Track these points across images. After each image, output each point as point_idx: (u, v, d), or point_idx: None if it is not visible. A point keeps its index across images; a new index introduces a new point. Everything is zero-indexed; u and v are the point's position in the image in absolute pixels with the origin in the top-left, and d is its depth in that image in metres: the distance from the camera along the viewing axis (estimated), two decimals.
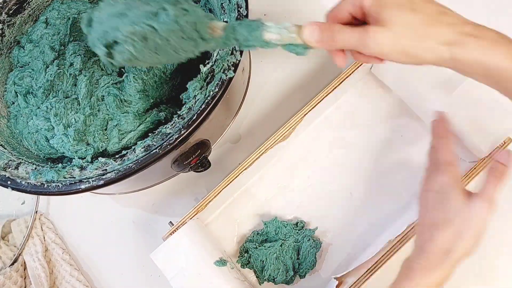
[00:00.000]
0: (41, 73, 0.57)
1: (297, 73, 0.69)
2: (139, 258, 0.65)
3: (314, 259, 0.60)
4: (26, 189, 0.47)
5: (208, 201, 0.57)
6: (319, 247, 0.61)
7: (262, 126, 0.67)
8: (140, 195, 0.65)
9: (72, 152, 0.53)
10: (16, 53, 0.59)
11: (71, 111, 0.55)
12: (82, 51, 0.59)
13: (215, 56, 0.48)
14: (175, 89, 0.60)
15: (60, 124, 0.54)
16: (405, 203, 0.62)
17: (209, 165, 0.58)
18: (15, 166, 0.48)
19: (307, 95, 0.65)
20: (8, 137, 0.55)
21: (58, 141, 0.54)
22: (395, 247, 0.54)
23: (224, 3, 0.49)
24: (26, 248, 0.64)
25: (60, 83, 0.57)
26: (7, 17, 0.56)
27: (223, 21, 0.44)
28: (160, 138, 0.46)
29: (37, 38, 0.60)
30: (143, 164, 0.46)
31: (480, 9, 0.70)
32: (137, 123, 0.55)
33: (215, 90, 0.46)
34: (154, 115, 0.56)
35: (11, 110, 0.58)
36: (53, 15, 0.60)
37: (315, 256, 0.60)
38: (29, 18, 0.59)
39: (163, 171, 0.59)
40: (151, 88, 0.57)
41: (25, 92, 0.58)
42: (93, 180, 0.46)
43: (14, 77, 0.58)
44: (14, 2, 0.56)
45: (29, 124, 0.56)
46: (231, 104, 0.62)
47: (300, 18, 0.71)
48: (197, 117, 0.46)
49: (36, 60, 0.58)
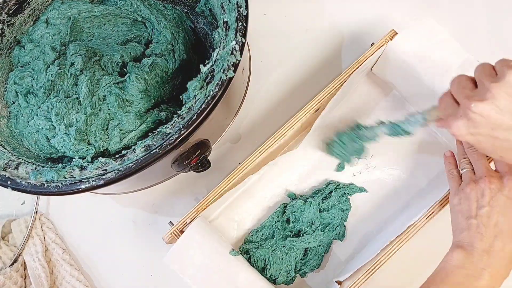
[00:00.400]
0: (41, 73, 0.57)
1: (297, 73, 0.69)
2: (139, 258, 0.65)
3: (320, 260, 0.60)
4: (26, 189, 0.47)
5: (208, 201, 0.57)
6: (328, 249, 0.61)
7: (262, 126, 0.67)
8: (140, 195, 0.65)
9: (73, 152, 0.53)
10: (17, 53, 0.59)
11: (72, 110, 0.55)
12: (83, 51, 0.59)
13: (215, 56, 0.48)
14: (176, 88, 0.61)
15: (61, 123, 0.54)
16: (405, 203, 0.62)
17: (209, 165, 0.58)
18: (15, 166, 0.48)
19: (307, 95, 0.65)
20: (8, 137, 0.55)
21: (59, 141, 0.54)
22: (395, 247, 0.54)
23: (224, 3, 0.49)
24: (26, 248, 0.64)
25: (61, 83, 0.57)
26: (7, 17, 0.56)
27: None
28: (160, 138, 0.46)
29: (37, 38, 0.60)
30: (143, 164, 0.46)
31: (480, 9, 0.70)
32: (138, 122, 0.55)
33: (215, 90, 0.46)
34: (155, 114, 0.56)
35: (11, 110, 0.58)
36: (54, 15, 0.60)
37: (322, 258, 0.60)
38: (29, 18, 0.59)
39: (163, 171, 0.59)
40: (152, 88, 0.57)
41: (25, 92, 0.58)
42: (93, 180, 0.46)
43: (14, 77, 0.58)
44: (14, 2, 0.56)
45: (29, 124, 0.56)
46: (231, 104, 0.62)
47: (300, 17, 0.71)
48: (197, 117, 0.46)
49: (37, 60, 0.58)
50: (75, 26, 0.61)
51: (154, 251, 0.64)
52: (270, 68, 0.70)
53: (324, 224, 0.60)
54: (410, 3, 0.70)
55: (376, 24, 0.69)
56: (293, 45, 0.70)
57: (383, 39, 0.59)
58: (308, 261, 0.60)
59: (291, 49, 0.70)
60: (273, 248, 0.60)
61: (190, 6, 0.63)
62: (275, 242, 0.60)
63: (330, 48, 0.70)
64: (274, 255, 0.59)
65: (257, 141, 0.66)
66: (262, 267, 0.59)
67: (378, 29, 0.63)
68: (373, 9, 0.71)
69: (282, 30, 0.71)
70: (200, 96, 0.47)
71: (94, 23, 0.63)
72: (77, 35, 0.62)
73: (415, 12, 0.70)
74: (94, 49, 0.61)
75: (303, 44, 0.70)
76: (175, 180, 0.64)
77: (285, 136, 0.58)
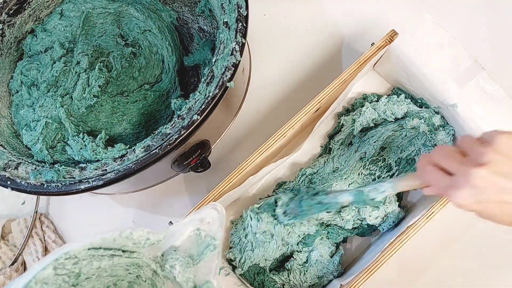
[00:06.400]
0: (47, 68, 0.59)
1: (297, 73, 0.69)
2: None
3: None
4: (26, 189, 0.47)
5: (208, 201, 0.57)
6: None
7: (262, 126, 0.67)
8: (140, 195, 0.65)
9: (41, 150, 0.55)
10: (29, 41, 0.60)
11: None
12: (90, 50, 0.60)
13: (215, 57, 0.48)
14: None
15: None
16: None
17: (209, 165, 0.58)
18: (15, 166, 0.48)
19: (307, 95, 0.65)
20: (8, 137, 0.55)
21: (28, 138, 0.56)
22: (395, 247, 0.54)
23: (224, 3, 0.49)
24: (26, 248, 0.64)
25: (64, 79, 0.59)
26: (7, 17, 0.56)
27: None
28: (160, 139, 0.46)
29: (50, 28, 0.61)
30: (143, 164, 0.46)
31: (480, 8, 0.70)
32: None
33: (215, 90, 0.46)
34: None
35: (13, 99, 0.59)
36: (69, 7, 0.61)
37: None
38: (30, 18, 0.59)
39: (163, 171, 0.59)
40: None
41: (30, 83, 0.59)
42: (92, 180, 0.46)
43: (22, 67, 0.59)
44: (14, 2, 0.56)
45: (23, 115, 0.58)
46: (231, 104, 0.62)
47: (300, 17, 0.71)
48: (197, 118, 0.46)
49: (44, 55, 0.60)
50: (88, 21, 0.62)
51: None
52: (270, 68, 0.70)
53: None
54: (410, 3, 0.70)
55: (376, 24, 0.69)
56: (293, 45, 0.70)
57: (383, 39, 0.59)
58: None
59: (291, 49, 0.70)
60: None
61: (190, 7, 0.63)
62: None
63: (330, 48, 0.70)
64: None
65: (257, 141, 0.66)
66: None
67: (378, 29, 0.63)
68: (373, 9, 0.71)
69: (282, 30, 0.71)
70: (200, 96, 0.47)
71: (107, 20, 0.63)
72: (89, 29, 0.63)
73: (415, 12, 0.70)
74: (103, 47, 0.62)
75: (303, 44, 0.70)
76: (175, 180, 0.64)
77: (285, 136, 0.58)
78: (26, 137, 0.55)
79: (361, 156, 0.60)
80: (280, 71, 0.69)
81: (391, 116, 0.60)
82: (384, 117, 0.61)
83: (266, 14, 0.72)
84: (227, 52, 0.47)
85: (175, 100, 0.51)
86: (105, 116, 0.60)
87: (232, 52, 0.47)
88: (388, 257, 0.54)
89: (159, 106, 0.62)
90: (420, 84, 0.58)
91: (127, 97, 0.62)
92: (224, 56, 0.47)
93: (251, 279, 0.59)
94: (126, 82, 0.63)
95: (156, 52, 0.63)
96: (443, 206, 0.55)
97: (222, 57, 0.47)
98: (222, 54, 0.47)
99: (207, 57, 0.60)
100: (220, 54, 0.47)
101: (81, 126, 0.58)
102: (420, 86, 0.59)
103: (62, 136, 0.57)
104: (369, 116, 0.61)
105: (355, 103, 0.64)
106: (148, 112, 0.61)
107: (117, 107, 0.61)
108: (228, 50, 0.47)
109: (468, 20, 0.70)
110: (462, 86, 0.55)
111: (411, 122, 0.58)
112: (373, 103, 0.62)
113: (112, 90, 0.62)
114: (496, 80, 0.54)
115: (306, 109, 0.58)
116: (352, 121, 0.62)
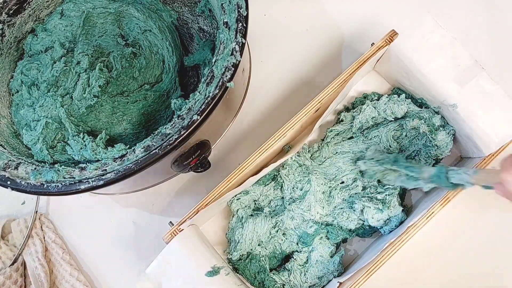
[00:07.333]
0: (47, 67, 0.59)
1: (297, 73, 0.69)
2: (139, 258, 0.65)
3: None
4: (26, 189, 0.47)
5: (208, 201, 0.57)
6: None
7: (262, 126, 0.67)
8: (140, 195, 0.65)
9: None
10: (30, 41, 0.60)
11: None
12: (90, 50, 0.60)
13: (215, 57, 0.48)
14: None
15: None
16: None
17: (209, 165, 0.58)
18: (15, 166, 0.48)
19: (307, 95, 0.65)
20: (8, 137, 0.55)
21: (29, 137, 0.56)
22: (395, 247, 0.54)
23: (224, 3, 0.49)
24: (26, 248, 0.64)
25: (65, 79, 0.59)
26: (7, 17, 0.56)
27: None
28: (160, 139, 0.46)
29: (51, 28, 0.61)
30: (143, 164, 0.46)
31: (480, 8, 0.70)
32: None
33: (215, 91, 0.46)
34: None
35: (14, 99, 0.59)
36: (69, 7, 0.61)
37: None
38: (30, 18, 0.59)
39: (163, 172, 0.59)
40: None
41: (30, 83, 0.59)
42: (92, 181, 0.46)
43: (22, 67, 0.59)
44: (14, 2, 0.56)
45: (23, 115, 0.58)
46: (231, 105, 0.62)
47: (300, 17, 0.71)
48: (197, 118, 0.46)
49: (45, 54, 0.60)
50: (88, 21, 0.62)
51: (154, 251, 0.64)
52: (270, 68, 0.70)
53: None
54: (410, 3, 0.70)
55: (376, 24, 0.69)
56: (293, 45, 0.70)
57: (383, 39, 0.59)
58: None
59: (291, 49, 0.70)
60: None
61: (190, 7, 0.63)
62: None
63: (330, 48, 0.70)
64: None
65: (257, 141, 0.66)
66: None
67: (378, 29, 0.63)
68: (373, 9, 0.70)
69: (282, 30, 0.71)
70: (199, 97, 0.47)
71: (107, 20, 0.63)
72: (90, 29, 0.63)
73: (415, 12, 0.70)
74: (103, 47, 0.62)
75: (303, 44, 0.70)
76: (175, 180, 0.64)
77: (285, 136, 0.58)
78: (26, 137, 0.55)
79: (361, 156, 0.60)
80: (280, 71, 0.69)
81: (391, 115, 0.60)
82: (384, 116, 0.61)
83: (266, 14, 0.72)
84: (227, 52, 0.47)
85: (175, 100, 0.51)
86: (105, 116, 0.60)
87: (232, 52, 0.47)
88: (388, 257, 0.54)
89: (159, 106, 0.62)
90: (420, 84, 0.58)
91: (127, 97, 0.62)
92: (224, 56, 0.47)
93: (252, 278, 0.59)
94: (126, 82, 0.63)
95: (156, 52, 0.63)
96: (443, 206, 0.55)
97: (222, 57, 0.47)
98: (222, 54, 0.47)
99: (207, 57, 0.60)
100: (220, 54, 0.47)
101: (81, 126, 0.58)
102: (420, 86, 0.59)
103: (62, 136, 0.57)
104: (369, 114, 0.61)
105: (355, 102, 0.65)
106: (148, 112, 0.61)
107: (117, 107, 0.61)
108: (228, 50, 0.47)
109: (468, 20, 0.70)
110: (462, 86, 0.55)
111: (412, 122, 0.58)
112: (373, 102, 0.62)
113: (112, 90, 0.62)
114: (496, 80, 0.54)
115: (306, 109, 0.58)
116: (351, 117, 0.62)
